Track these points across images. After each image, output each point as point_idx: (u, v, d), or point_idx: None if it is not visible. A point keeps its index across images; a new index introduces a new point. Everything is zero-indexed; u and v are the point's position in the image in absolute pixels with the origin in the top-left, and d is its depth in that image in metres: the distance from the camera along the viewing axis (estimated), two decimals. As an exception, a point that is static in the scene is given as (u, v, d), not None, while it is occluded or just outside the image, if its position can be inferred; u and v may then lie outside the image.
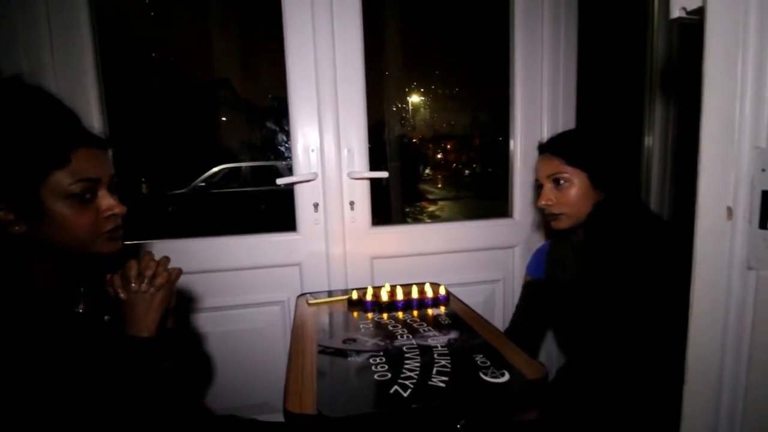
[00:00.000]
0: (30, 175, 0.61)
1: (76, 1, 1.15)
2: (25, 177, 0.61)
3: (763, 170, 0.44)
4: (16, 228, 0.62)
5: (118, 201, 0.72)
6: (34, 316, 0.63)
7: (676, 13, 0.51)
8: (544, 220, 1.14)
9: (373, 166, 1.36)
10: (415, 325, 0.98)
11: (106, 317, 0.74)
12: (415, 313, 1.06)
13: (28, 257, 0.66)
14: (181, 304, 1.28)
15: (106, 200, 0.70)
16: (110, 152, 0.75)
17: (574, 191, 1.01)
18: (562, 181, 1.01)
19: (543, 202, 1.04)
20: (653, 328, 0.92)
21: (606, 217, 1.00)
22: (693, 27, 0.51)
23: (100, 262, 0.73)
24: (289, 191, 1.33)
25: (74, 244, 0.67)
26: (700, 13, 0.49)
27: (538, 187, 1.10)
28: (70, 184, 0.64)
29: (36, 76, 1.10)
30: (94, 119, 1.19)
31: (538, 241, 1.37)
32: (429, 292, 1.13)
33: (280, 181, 1.28)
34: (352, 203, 1.34)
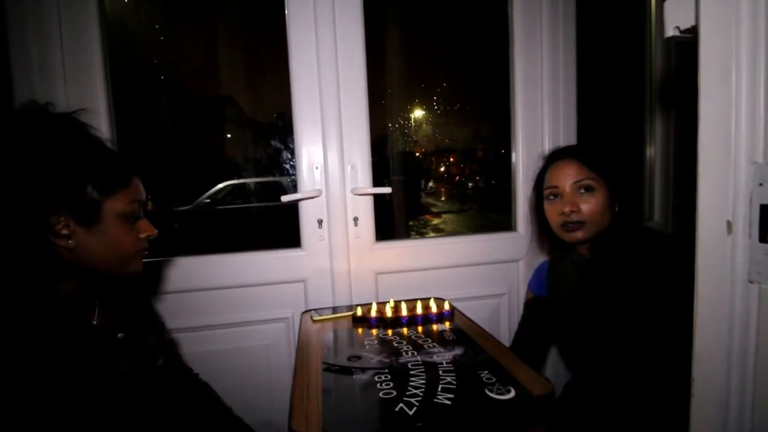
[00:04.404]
0: (101, 190, 0.69)
1: (89, 25, 1.19)
2: (97, 191, 0.69)
3: (761, 184, 0.45)
4: (69, 242, 0.68)
5: (151, 225, 0.79)
6: (57, 325, 0.66)
7: (670, 32, 0.52)
8: (546, 235, 1.13)
9: (377, 180, 1.38)
10: (419, 341, 0.97)
11: (120, 335, 0.75)
12: (420, 328, 1.06)
13: (62, 270, 0.70)
14: (187, 320, 1.28)
15: (145, 223, 0.78)
16: None
17: (598, 200, 0.99)
18: (591, 189, 0.99)
19: (568, 209, 0.99)
20: (660, 343, 0.91)
21: (622, 232, 0.99)
22: (690, 43, 0.52)
23: (118, 279, 0.78)
24: (293, 207, 1.35)
25: (114, 261, 0.73)
26: (693, 31, 0.50)
27: (548, 197, 1.06)
28: (128, 203, 0.73)
29: (48, 97, 1.14)
30: (105, 141, 1.22)
31: (540, 257, 1.37)
32: (433, 308, 1.12)
33: (284, 198, 1.30)
34: (356, 219, 1.35)
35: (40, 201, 0.65)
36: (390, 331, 1.04)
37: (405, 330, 1.05)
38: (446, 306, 1.14)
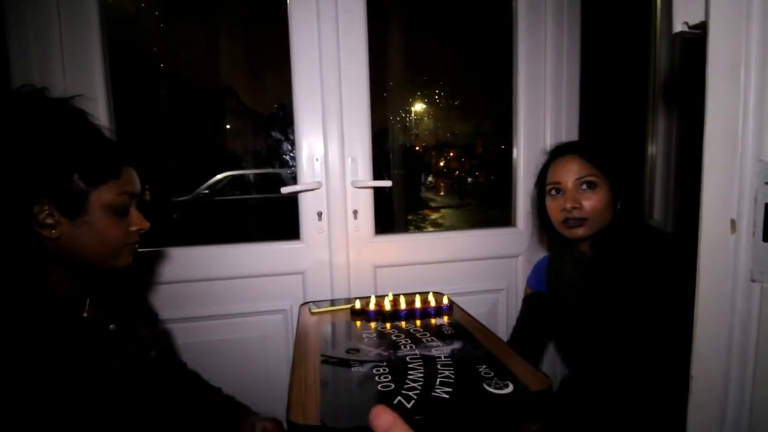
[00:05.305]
0: (89, 179, 0.67)
1: (88, 15, 1.17)
2: (84, 180, 0.67)
3: (767, 183, 0.44)
4: (53, 231, 0.66)
5: (143, 218, 0.77)
6: (45, 317, 0.65)
7: (678, 27, 0.51)
8: (547, 230, 1.13)
9: (377, 174, 1.37)
10: (418, 335, 0.97)
11: (111, 326, 0.75)
12: (418, 322, 1.06)
13: (48, 260, 0.68)
14: (185, 311, 1.28)
15: (136, 216, 0.76)
16: None
17: (600, 197, 0.98)
18: (594, 185, 0.98)
19: (570, 205, 0.99)
20: (659, 340, 0.91)
21: (624, 230, 0.99)
22: (696, 40, 0.51)
23: (107, 272, 0.75)
24: (293, 199, 1.34)
25: (101, 254, 0.71)
26: (702, 27, 0.49)
27: (550, 192, 1.06)
28: (117, 194, 0.70)
29: (46, 84, 1.12)
30: (103, 129, 1.21)
31: (539, 253, 1.37)
32: (432, 302, 1.12)
33: (284, 190, 1.29)
34: (355, 212, 1.35)
35: (24, 188, 0.63)
36: (388, 325, 1.04)
37: (403, 323, 1.05)
38: (445, 300, 1.15)
